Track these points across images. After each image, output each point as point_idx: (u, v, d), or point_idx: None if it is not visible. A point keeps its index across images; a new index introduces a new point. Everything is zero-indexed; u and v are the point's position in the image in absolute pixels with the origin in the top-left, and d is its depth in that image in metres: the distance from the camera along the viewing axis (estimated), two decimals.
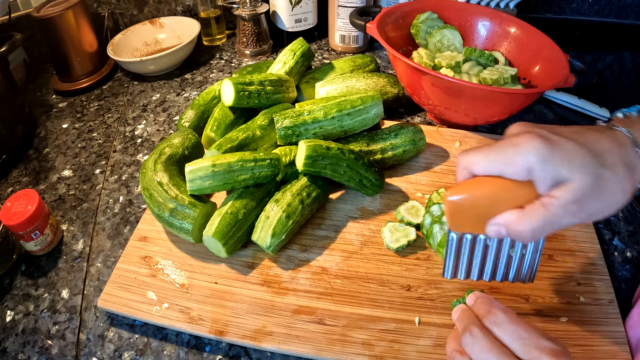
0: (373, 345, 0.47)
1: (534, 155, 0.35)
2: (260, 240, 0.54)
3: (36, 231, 0.56)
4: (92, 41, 0.91)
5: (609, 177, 0.35)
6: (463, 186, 0.40)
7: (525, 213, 0.37)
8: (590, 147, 0.36)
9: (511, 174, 0.37)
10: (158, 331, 0.51)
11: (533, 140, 0.36)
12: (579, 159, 0.35)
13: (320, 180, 0.60)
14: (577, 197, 0.35)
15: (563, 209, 0.35)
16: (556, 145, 0.36)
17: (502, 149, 0.37)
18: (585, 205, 0.36)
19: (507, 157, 0.37)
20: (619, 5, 1.09)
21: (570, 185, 0.35)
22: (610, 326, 0.49)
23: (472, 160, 0.39)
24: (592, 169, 0.35)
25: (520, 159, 0.36)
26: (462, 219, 0.41)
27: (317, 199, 0.59)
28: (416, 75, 0.70)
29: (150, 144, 0.77)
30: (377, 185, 0.61)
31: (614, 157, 0.36)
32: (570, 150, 0.36)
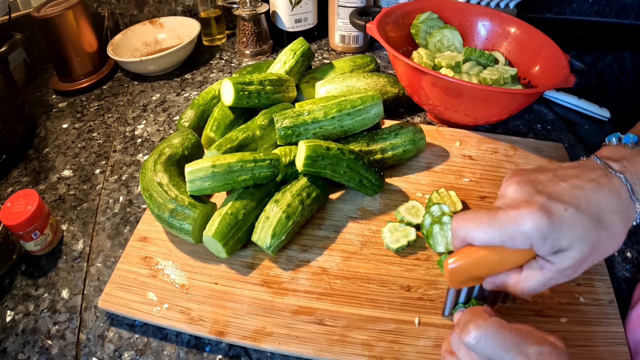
0: (373, 345, 0.47)
1: (535, 233, 0.35)
2: (260, 240, 0.54)
3: (36, 231, 0.56)
4: (92, 41, 0.91)
5: (606, 239, 0.36)
6: (463, 253, 0.40)
7: (523, 277, 0.38)
8: (589, 210, 0.36)
9: (511, 247, 0.37)
10: (158, 331, 0.51)
11: (532, 216, 0.35)
12: (580, 229, 0.35)
13: (320, 180, 0.60)
14: (574, 264, 0.36)
15: (559, 273, 0.37)
16: (557, 218, 0.35)
17: (501, 223, 0.37)
18: (580, 268, 0.37)
19: (507, 232, 0.36)
20: (619, 5, 1.10)
21: (568, 254, 0.36)
22: (610, 326, 0.49)
23: (470, 233, 0.38)
24: (591, 237, 0.36)
25: (520, 235, 0.36)
26: (462, 281, 0.41)
27: (317, 200, 0.59)
28: (416, 75, 0.70)
29: (150, 144, 0.77)
30: (377, 185, 0.61)
31: (612, 215, 0.36)
32: (571, 222, 0.35)
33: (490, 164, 0.69)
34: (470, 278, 0.41)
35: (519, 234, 0.36)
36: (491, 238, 0.37)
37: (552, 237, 0.35)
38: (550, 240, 0.35)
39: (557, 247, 0.36)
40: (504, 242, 0.37)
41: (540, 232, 0.35)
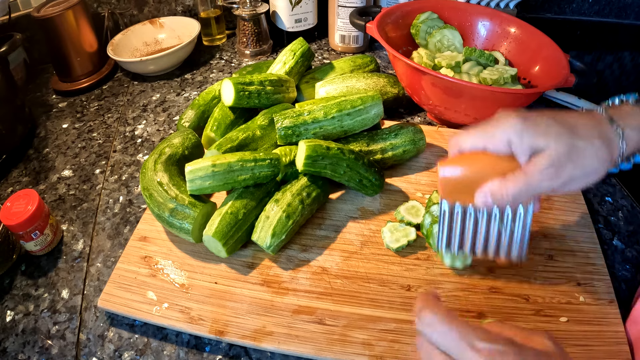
0: (373, 345, 0.47)
1: (511, 129, 0.40)
2: (260, 240, 0.54)
3: (36, 231, 0.56)
4: (92, 41, 0.91)
5: (583, 146, 0.40)
6: (453, 160, 0.45)
7: (507, 179, 0.41)
8: (564, 122, 0.41)
9: (493, 148, 0.42)
10: (158, 331, 0.51)
11: (511, 118, 0.41)
12: (554, 131, 0.40)
13: (320, 180, 0.60)
14: (553, 162, 0.39)
15: (541, 173, 0.39)
16: (532, 121, 0.40)
17: (485, 127, 0.43)
18: (562, 170, 0.39)
19: (489, 133, 0.42)
20: (619, 5, 1.10)
21: (547, 152, 0.39)
22: (610, 326, 0.49)
23: (461, 140, 0.44)
24: (566, 139, 0.39)
25: (499, 134, 0.41)
26: (453, 188, 0.45)
27: (317, 199, 0.59)
28: (416, 75, 0.70)
29: (150, 144, 0.77)
30: (377, 185, 0.61)
31: (588, 130, 0.40)
32: (545, 125, 0.40)
33: None
34: (461, 187, 0.44)
35: (499, 132, 0.41)
36: (475, 139, 0.43)
37: (528, 134, 0.40)
38: (526, 137, 0.40)
39: (535, 147, 0.40)
40: (486, 142, 0.42)
41: (516, 129, 0.40)
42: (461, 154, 0.44)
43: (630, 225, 0.62)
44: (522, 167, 0.41)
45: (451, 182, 0.44)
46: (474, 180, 0.43)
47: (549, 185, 0.40)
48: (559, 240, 0.58)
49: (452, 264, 0.53)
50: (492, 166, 0.42)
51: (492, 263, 0.55)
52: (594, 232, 0.59)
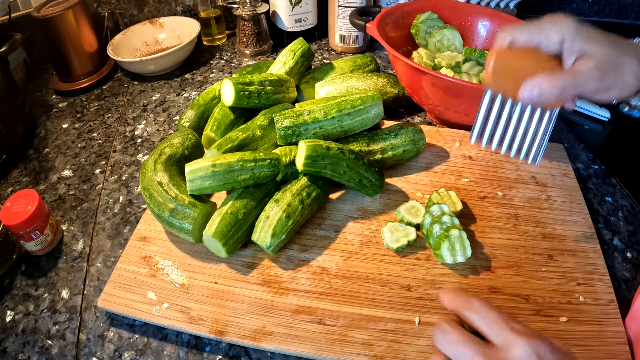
0: (373, 345, 0.47)
1: (567, 30, 0.43)
2: (260, 240, 0.54)
3: (36, 231, 0.56)
4: (92, 41, 0.91)
5: (625, 62, 0.43)
6: (506, 49, 0.47)
7: (555, 74, 0.43)
8: (610, 37, 0.44)
9: (546, 44, 0.44)
10: (158, 331, 0.51)
11: (568, 19, 0.44)
12: (603, 40, 0.43)
13: (320, 180, 0.60)
14: (598, 66, 0.42)
15: (588, 72, 0.42)
16: (585, 27, 0.44)
17: (541, 24, 0.45)
18: (605, 75, 0.43)
19: (545, 29, 0.45)
20: (619, 5, 1.10)
21: (594, 56, 0.43)
22: (610, 326, 0.49)
23: (516, 30, 0.46)
24: (612, 50, 0.43)
25: (556, 31, 0.44)
26: (503, 73, 0.47)
27: (317, 199, 0.59)
28: (416, 75, 0.70)
29: (150, 144, 0.77)
30: (377, 185, 0.61)
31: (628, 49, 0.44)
32: (596, 34, 0.43)
33: (489, 165, 0.69)
34: (509, 76, 0.46)
35: (554, 30, 0.44)
36: (531, 33, 0.45)
37: (580, 37, 0.43)
38: (579, 40, 0.43)
39: (584, 50, 0.43)
40: (540, 39, 0.45)
41: (570, 30, 0.43)
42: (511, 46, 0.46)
43: (630, 225, 0.62)
44: (570, 67, 0.44)
45: (502, 68, 0.47)
46: (522, 71, 0.45)
47: (592, 86, 0.43)
48: (559, 240, 0.58)
49: (454, 260, 0.53)
50: (541, 62, 0.45)
51: (491, 263, 0.55)
52: (594, 232, 0.59)
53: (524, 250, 0.57)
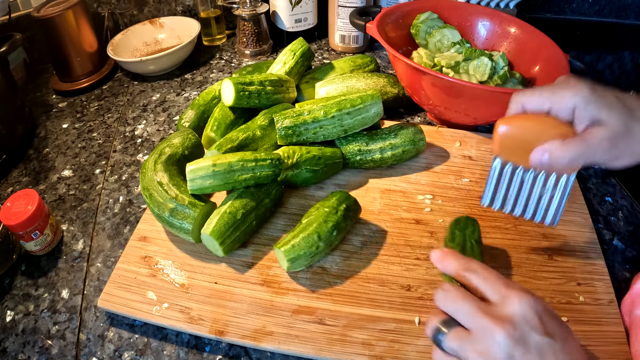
0: (373, 345, 0.47)
1: (580, 97, 0.42)
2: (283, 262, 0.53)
3: (36, 231, 0.56)
4: (92, 41, 0.91)
5: (637, 130, 0.42)
6: (514, 117, 0.46)
7: (566, 142, 0.43)
8: (625, 103, 0.42)
9: (557, 109, 0.44)
10: (158, 331, 0.51)
11: (580, 86, 0.43)
12: (617, 108, 0.42)
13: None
14: (610, 137, 0.41)
15: (598, 143, 0.42)
16: (599, 93, 0.42)
17: (553, 89, 0.44)
18: (615, 146, 0.42)
19: (557, 95, 0.43)
20: (619, 5, 1.09)
21: (606, 126, 0.41)
22: (610, 326, 0.49)
23: (527, 98, 0.45)
24: (625, 119, 0.41)
25: (567, 99, 0.43)
26: (509, 146, 0.47)
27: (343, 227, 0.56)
28: (416, 75, 0.70)
29: (150, 144, 0.77)
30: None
31: None
32: (610, 99, 0.42)
33: (489, 165, 0.69)
34: (517, 145, 0.46)
35: (566, 96, 0.43)
36: (542, 99, 0.44)
37: (593, 105, 0.42)
38: (592, 107, 0.42)
39: (597, 118, 0.42)
40: (552, 105, 0.44)
41: (584, 97, 0.42)
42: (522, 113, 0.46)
43: (630, 225, 0.62)
44: (581, 134, 0.43)
45: (509, 139, 0.46)
46: (531, 140, 0.45)
47: (601, 157, 0.42)
48: (559, 240, 0.58)
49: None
50: (551, 129, 0.44)
51: (491, 263, 0.55)
52: (594, 232, 0.59)
53: (524, 250, 0.57)
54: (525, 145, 0.45)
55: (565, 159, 0.43)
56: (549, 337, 0.34)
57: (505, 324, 0.34)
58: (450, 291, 0.38)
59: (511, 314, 0.34)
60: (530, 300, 0.35)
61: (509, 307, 0.35)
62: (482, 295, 0.38)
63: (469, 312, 0.36)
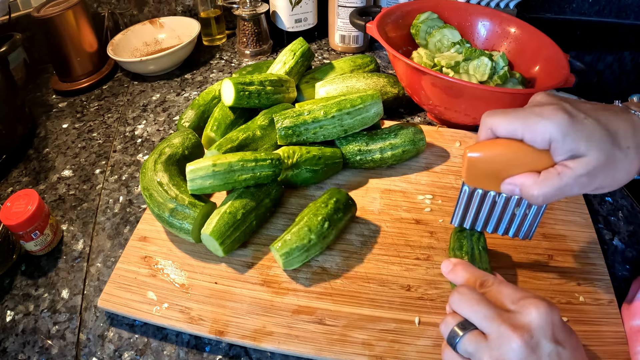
0: (373, 345, 0.47)
1: (556, 127, 0.38)
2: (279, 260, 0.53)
3: (36, 231, 0.56)
4: (92, 41, 0.91)
5: (619, 157, 0.38)
6: (484, 144, 0.42)
7: (540, 179, 0.40)
8: (607, 126, 0.38)
9: (531, 140, 0.40)
10: (158, 331, 0.51)
11: (557, 113, 0.38)
12: (597, 137, 0.38)
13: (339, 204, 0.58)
14: (589, 171, 0.38)
15: (575, 179, 0.38)
16: (578, 121, 0.38)
17: (527, 116, 0.40)
18: (595, 179, 0.39)
19: (530, 124, 0.39)
20: (619, 5, 1.09)
21: (585, 159, 0.38)
22: (610, 326, 0.49)
23: (497, 122, 0.41)
24: (606, 148, 0.38)
25: (542, 129, 0.38)
26: (478, 175, 0.44)
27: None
28: (416, 75, 0.70)
29: (150, 144, 0.77)
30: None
31: (627, 139, 0.38)
32: (589, 128, 0.38)
33: None
34: (486, 174, 0.43)
35: (541, 126, 0.38)
36: (514, 127, 0.40)
37: (571, 137, 0.38)
38: (569, 140, 0.38)
39: (575, 151, 0.38)
40: (525, 133, 0.39)
41: (561, 128, 0.38)
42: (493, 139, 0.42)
43: (630, 225, 0.62)
44: (558, 168, 0.39)
45: (478, 167, 0.43)
46: (502, 169, 0.42)
47: (578, 191, 0.40)
48: (559, 240, 0.58)
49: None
50: (524, 157, 0.40)
51: (492, 263, 0.55)
52: (594, 232, 0.59)
53: (524, 250, 0.57)
54: (496, 174, 0.43)
55: (539, 197, 0.40)
56: (561, 345, 0.34)
57: (523, 332, 0.34)
58: (467, 294, 0.38)
59: (529, 322, 0.34)
60: (547, 309, 0.35)
61: (526, 315, 0.35)
62: (497, 303, 0.37)
63: (487, 317, 0.36)
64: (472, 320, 0.37)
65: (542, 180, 0.40)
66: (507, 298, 0.37)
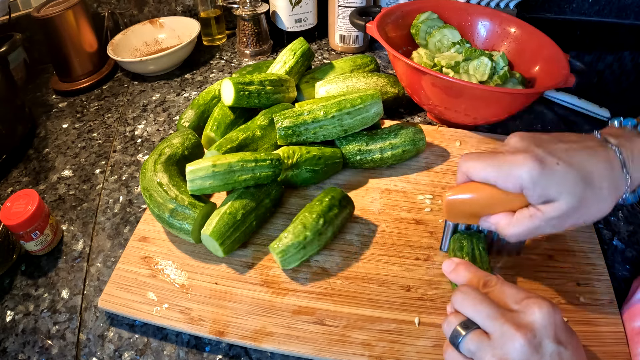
0: (373, 345, 0.47)
1: (527, 176, 0.40)
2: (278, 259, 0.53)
3: (36, 231, 0.56)
4: (92, 41, 0.91)
5: (592, 200, 0.40)
6: (461, 188, 0.46)
7: (514, 220, 0.43)
8: (581, 169, 0.40)
9: (503, 187, 0.42)
10: (158, 331, 0.51)
11: (527, 162, 0.40)
12: (569, 182, 0.39)
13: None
14: (560, 215, 0.40)
15: (546, 222, 0.41)
16: (548, 168, 0.39)
17: (499, 163, 0.42)
18: (566, 220, 0.41)
19: (502, 171, 0.41)
20: (619, 5, 1.09)
21: (557, 204, 0.40)
22: (610, 326, 0.49)
23: (471, 168, 0.44)
24: (578, 192, 0.39)
25: (513, 177, 0.41)
26: (458, 215, 0.48)
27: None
28: (416, 75, 0.70)
29: (150, 144, 0.77)
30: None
31: (602, 180, 0.40)
32: (561, 174, 0.39)
33: None
34: (465, 214, 0.47)
35: (512, 175, 0.40)
36: (487, 174, 0.42)
37: (542, 185, 0.39)
38: (539, 187, 0.39)
39: (546, 197, 0.40)
40: (497, 180, 0.42)
41: (531, 177, 0.39)
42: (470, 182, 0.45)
43: (630, 225, 0.62)
44: (530, 211, 0.42)
45: (457, 208, 0.46)
46: (479, 210, 0.45)
47: (551, 230, 0.42)
48: (559, 240, 0.58)
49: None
50: (499, 200, 0.43)
51: (492, 263, 0.55)
52: (594, 232, 0.59)
53: (523, 250, 0.57)
54: (474, 214, 0.46)
55: (512, 237, 0.43)
56: (563, 346, 0.34)
57: (526, 331, 0.34)
58: (470, 294, 0.38)
59: (532, 322, 0.35)
60: (550, 309, 0.35)
61: (530, 315, 0.35)
62: (500, 303, 0.38)
63: (490, 316, 0.36)
64: (474, 320, 0.37)
65: (515, 221, 0.43)
66: (510, 298, 0.37)
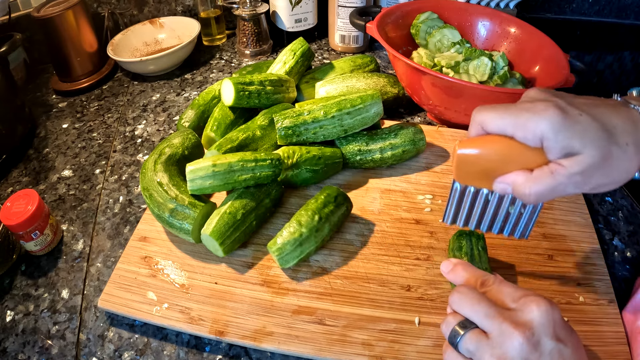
0: (373, 345, 0.47)
1: (548, 124, 0.36)
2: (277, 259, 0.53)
3: (36, 231, 0.56)
4: (92, 41, 0.91)
5: (617, 155, 0.36)
6: (474, 141, 0.40)
7: (533, 177, 0.38)
8: (604, 122, 0.36)
9: (522, 138, 0.38)
10: (158, 331, 0.51)
11: (549, 110, 0.36)
12: (592, 133, 0.36)
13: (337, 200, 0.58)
14: (584, 170, 0.36)
15: (569, 178, 0.36)
16: (571, 117, 0.36)
17: (518, 112, 0.38)
18: (590, 178, 0.36)
19: (521, 121, 0.37)
20: (619, 5, 1.09)
21: (580, 157, 0.36)
22: (610, 326, 0.49)
23: (487, 118, 0.39)
24: (603, 145, 0.36)
25: (533, 126, 0.36)
26: (469, 173, 0.42)
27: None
28: (416, 75, 0.70)
29: (150, 144, 0.77)
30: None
31: (625, 135, 0.36)
32: (584, 124, 0.36)
33: None
34: (478, 173, 0.41)
35: (532, 124, 0.36)
36: (505, 124, 0.38)
37: (564, 135, 0.36)
38: (562, 137, 0.36)
39: (569, 148, 0.36)
40: (516, 130, 0.38)
41: (553, 125, 0.36)
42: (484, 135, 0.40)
43: (630, 225, 0.62)
44: (551, 167, 0.37)
45: (469, 164, 0.41)
46: (494, 167, 0.40)
47: (574, 191, 0.38)
48: (559, 240, 0.58)
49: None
50: (517, 155, 0.39)
51: (491, 263, 0.55)
52: (594, 232, 0.59)
53: (524, 250, 0.57)
54: (487, 172, 0.41)
55: (531, 196, 0.38)
56: (562, 343, 0.34)
57: (525, 329, 0.34)
58: (467, 293, 0.38)
59: (530, 320, 0.34)
60: (548, 307, 0.35)
61: (528, 313, 0.35)
62: (498, 302, 0.37)
63: (488, 315, 0.36)
64: (472, 319, 0.37)
65: (535, 179, 0.38)
66: (508, 297, 0.37)
